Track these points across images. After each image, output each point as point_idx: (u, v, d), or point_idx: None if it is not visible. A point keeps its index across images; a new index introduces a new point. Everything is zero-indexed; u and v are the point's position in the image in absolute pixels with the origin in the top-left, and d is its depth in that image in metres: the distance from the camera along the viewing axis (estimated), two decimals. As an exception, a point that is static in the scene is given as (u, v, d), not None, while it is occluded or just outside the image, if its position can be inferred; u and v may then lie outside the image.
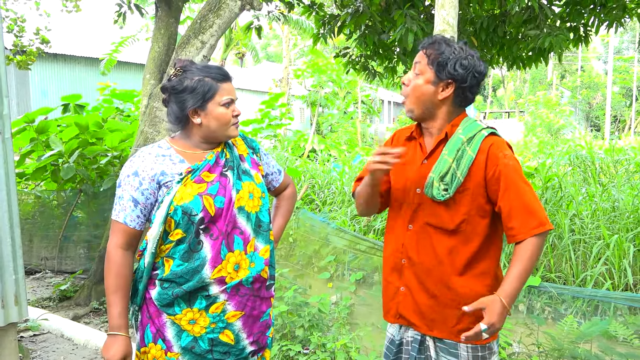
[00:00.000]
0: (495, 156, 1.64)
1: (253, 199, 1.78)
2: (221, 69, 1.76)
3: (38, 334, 4.27)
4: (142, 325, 1.76)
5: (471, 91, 1.70)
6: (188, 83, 1.70)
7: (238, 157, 1.83)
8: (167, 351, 1.71)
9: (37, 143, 6.31)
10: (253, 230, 1.78)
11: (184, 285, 1.69)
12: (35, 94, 16.47)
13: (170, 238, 1.70)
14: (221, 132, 1.76)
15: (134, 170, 1.71)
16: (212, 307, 1.71)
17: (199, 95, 1.70)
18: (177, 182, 1.68)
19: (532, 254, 1.60)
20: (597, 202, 5.49)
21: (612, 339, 2.95)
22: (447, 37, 1.76)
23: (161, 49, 5.34)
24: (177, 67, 1.75)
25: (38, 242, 6.74)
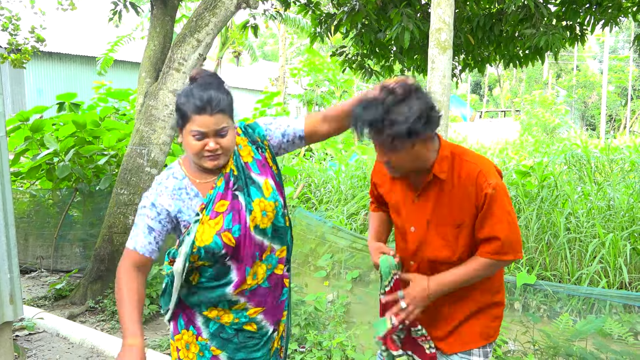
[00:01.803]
0: (482, 186, 1.64)
1: (266, 215, 1.76)
2: (202, 100, 1.62)
3: (33, 333, 4.25)
4: (175, 315, 1.85)
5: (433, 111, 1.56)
6: (178, 100, 1.68)
7: (243, 166, 1.77)
8: (197, 336, 1.81)
9: (32, 142, 6.28)
10: (269, 238, 1.79)
11: (208, 294, 1.77)
12: (30, 92, 16.41)
13: (195, 265, 1.74)
14: (196, 160, 1.71)
15: (150, 202, 1.71)
16: (235, 306, 1.79)
17: (179, 116, 1.67)
18: (195, 222, 1.69)
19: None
20: (593, 200, 5.51)
21: (607, 337, 2.97)
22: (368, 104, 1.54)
23: (157, 48, 5.32)
24: (190, 77, 1.75)
25: (33, 241, 6.71)
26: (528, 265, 4.71)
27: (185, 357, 1.84)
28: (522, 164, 7.77)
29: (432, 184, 1.70)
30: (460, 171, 1.66)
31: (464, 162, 1.67)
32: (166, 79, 4.90)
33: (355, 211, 6.48)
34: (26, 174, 6.42)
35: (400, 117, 1.48)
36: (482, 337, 1.81)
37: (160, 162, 4.99)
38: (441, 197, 1.69)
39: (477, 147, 15.80)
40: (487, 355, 1.83)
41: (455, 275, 1.69)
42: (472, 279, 1.69)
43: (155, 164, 4.94)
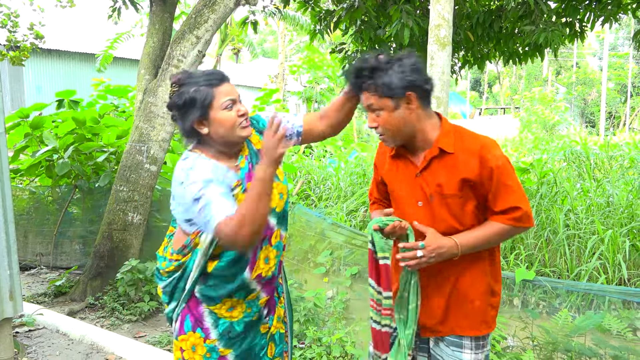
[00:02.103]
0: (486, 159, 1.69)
1: (282, 198, 1.83)
2: (215, 73, 1.72)
3: (33, 329, 4.26)
4: (181, 316, 1.81)
5: (425, 82, 1.67)
6: (186, 97, 1.68)
7: (257, 152, 1.82)
8: (205, 339, 1.79)
9: (32, 138, 6.28)
10: (277, 222, 1.83)
11: (228, 286, 1.74)
12: (30, 89, 16.38)
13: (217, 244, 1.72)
14: (232, 136, 1.71)
15: (202, 179, 1.62)
16: (249, 296, 1.81)
17: (198, 105, 1.67)
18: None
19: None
20: (592, 197, 5.52)
21: (605, 333, 2.97)
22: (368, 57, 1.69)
23: (156, 44, 5.32)
24: (173, 83, 1.73)
25: (33, 238, 6.71)
26: (527, 262, 4.72)
27: (191, 358, 1.80)
28: (521, 161, 7.77)
29: (436, 158, 1.72)
30: (462, 145, 1.70)
31: (466, 136, 1.73)
32: (165, 75, 4.90)
33: (355, 208, 6.48)
34: (25, 171, 6.42)
35: (386, 68, 1.63)
36: (477, 324, 1.78)
37: (159, 159, 4.99)
38: (445, 170, 1.71)
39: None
40: (480, 349, 1.79)
41: (475, 237, 1.70)
42: (490, 243, 1.73)
43: (155, 161, 4.94)
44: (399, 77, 1.61)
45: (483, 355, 1.81)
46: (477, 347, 1.79)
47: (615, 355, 2.83)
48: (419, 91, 1.65)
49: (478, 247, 1.71)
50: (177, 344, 1.85)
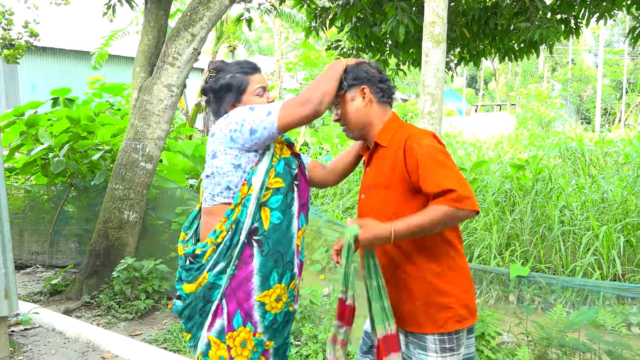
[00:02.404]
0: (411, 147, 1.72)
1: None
2: (250, 63, 1.94)
3: (29, 328, 4.25)
4: (230, 312, 1.79)
5: (381, 81, 1.87)
6: (222, 82, 1.88)
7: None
8: (255, 332, 1.81)
9: (27, 137, 6.26)
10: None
11: (278, 255, 1.82)
12: (25, 87, 16.31)
13: (267, 186, 1.82)
14: None
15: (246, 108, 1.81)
16: (291, 283, 1.88)
17: (234, 90, 1.88)
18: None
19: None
20: (587, 193, 5.54)
21: (600, 328, 2.99)
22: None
23: (151, 42, 5.30)
24: (211, 69, 1.93)
25: (28, 237, 6.70)
26: (522, 258, 4.74)
27: (239, 355, 1.78)
28: (517, 158, 7.80)
29: (374, 152, 1.87)
30: (394, 138, 1.81)
31: (402, 130, 1.81)
32: (160, 73, 4.89)
33: (351, 205, 6.49)
34: (21, 169, 6.40)
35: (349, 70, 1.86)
36: (434, 324, 1.75)
37: (155, 157, 4.98)
38: (380, 163, 1.83)
39: (473, 141, 15.82)
40: (446, 345, 1.75)
41: (409, 222, 1.64)
42: (427, 227, 1.63)
43: (150, 159, 4.93)
44: (355, 73, 1.85)
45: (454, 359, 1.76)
46: (442, 350, 1.74)
47: (609, 350, 2.85)
48: (373, 87, 1.85)
49: (415, 231, 1.64)
50: (217, 343, 1.79)
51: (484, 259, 4.75)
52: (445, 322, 1.74)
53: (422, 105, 3.16)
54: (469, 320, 1.77)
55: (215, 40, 15.68)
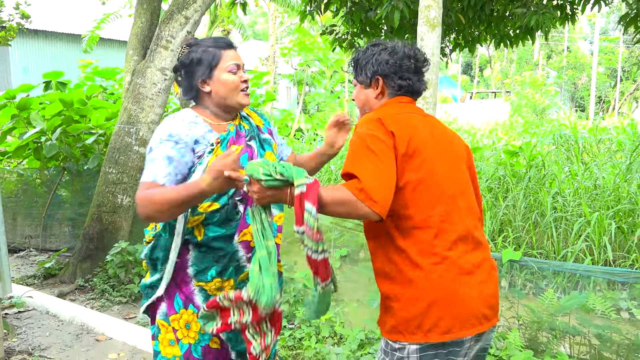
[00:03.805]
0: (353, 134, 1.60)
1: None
2: (223, 38, 1.84)
3: (23, 310, 4.26)
4: (169, 295, 1.79)
5: (402, 78, 1.69)
6: (194, 56, 1.78)
7: (256, 127, 1.91)
8: (198, 314, 1.75)
9: (19, 120, 6.21)
10: None
11: (218, 253, 1.75)
12: (16, 70, 16.14)
13: (199, 210, 1.71)
14: (231, 99, 1.80)
15: (168, 133, 1.69)
16: (241, 275, 1.81)
17: (205, 64, 1.77)
18: (209, 153, 1.73)
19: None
20: (580, 180, 5.57)
21: (590, 312, 3.03)
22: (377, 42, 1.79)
23: (144, 25, 5.25)
24: (184, 45, 1.84)
25: (22, 221, 6.67)
26: (515, 244, 4.77)
27: (186, 336, 1.79)
28: (511, 144, 7.82)
29: None
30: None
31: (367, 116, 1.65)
32: (154, 56, 4.85)
33: (345, 191, 6.50)
34: (13, 153, 6.36)
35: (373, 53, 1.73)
36: (382, 326, 1.63)
37: (148, 141, 4.95)
38: None
39: (467, 128, 15.84)
40: (389, 350, 1.57)
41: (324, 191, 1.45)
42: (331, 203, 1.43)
43: (144, 143, 4.91)
44: (372, 63, 1.71)
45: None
46: (384, 353, 1.60)
47: (598, 334, 2.89)
48: (390, 81, 1.71)
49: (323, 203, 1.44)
50: (165, 326, 1.80)
51: (477, 244, 4.78)
52: (393, 328, 1.57)
53: (416, 90, 3.16)
54: (416, 335, 1.53)
55: (209, 24, 15.54)
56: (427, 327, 1.51)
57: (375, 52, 1.71)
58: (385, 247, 1.59)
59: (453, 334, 1.52)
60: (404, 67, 1.69)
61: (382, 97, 1.72)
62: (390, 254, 1.57)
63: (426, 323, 1.51)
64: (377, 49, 1.72)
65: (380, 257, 1.61)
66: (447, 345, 1.53)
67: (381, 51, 1.70)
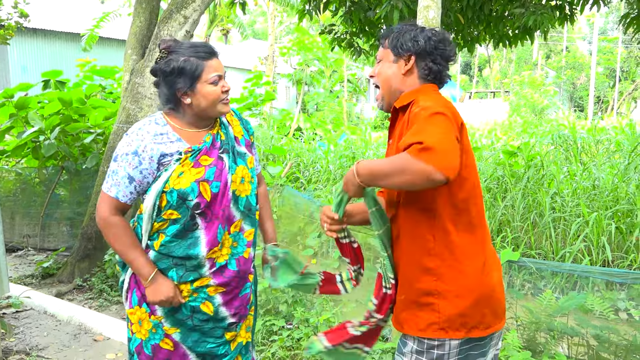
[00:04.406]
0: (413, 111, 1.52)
1: (244, 183, 1.84)
2: (207, 46, 1.78)
3: (21, 310, 4.25)
4: (130, 290, 1.85)
5: (434, 62, 1.64)
6: (175, 65, 1.71)
7: (233, 138, 1.87)
8: (150, 314, 1.80)
9: (17, 119, 6.18)
10: (241, 212, 1.83)
11: (178, 260, 1.76)
12: (15, 69, 16.10)
13: (163, 216, 1.74)
14: (211, 110, 1.77)
15: (133, 149, 1.71)
16: (197, 282, 1.80)
17: (187, 76, 1.71)
18: (176, 161, 1.72)
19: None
20: (578, 180, 5.57)
21: (588, 313, 3.03)
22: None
23: (143, 24, 5.24)
24: (162, 49, 1.76)
25: (20, 220, 6.66)
26: (513, 244, 4.77)
27: (138, 332, 1.83)
28: (509, 144, 7.82)
29: (393, 120, 1.69)
30: (411, 104, 1.57)
31: (419, 97, 1.57)
32: (153, 56, 4.84)
33: (344, 190, 6.49)
34: (11, 152, 6.34)
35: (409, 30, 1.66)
36: (413, 325, 1.56)
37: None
38: (394, 131, 1.67)
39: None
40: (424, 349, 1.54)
41: (371, 162, 1.46)
42: (385, 171, 1.38)
43: (142, 142, 4.90)
44: (413, 38, 1.63)
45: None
46: (419, 353, 1.55)
47: (596, 334, 2.89)
48: (422, 61, 1.64)
49: (375, 173, 1.42)
50: (128, 314, 1.87)
51: (475, 244, 4.78)
52: (428, 326, 1.53)
53: (415, 91, 3.15)
54: (460, 332, 1.52)
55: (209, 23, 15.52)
56: (472, 323, 1.53)
57: (415, 29, 1.65)
58: (433, 243, 1.53)
59: (492, 328, 1.56)
60: (439, 51, 1.63)
61: (409, 76, 1.65)
62: (440, 249, 1.53)
63: (473, 318, 1.53)
64: (417, 27, 1.66)
65: (423, 253, 1.55)
66: (484, 339, 1.57)
67: (422, 29, 1.65)
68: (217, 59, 1.77)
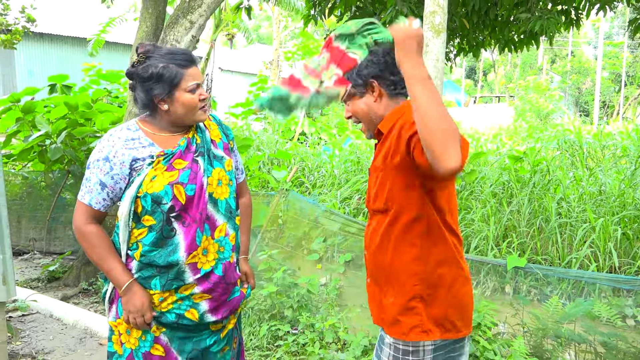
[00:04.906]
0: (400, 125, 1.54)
1: (221, 185, 1.82)
2: (186, 53, 1.76)
3: (27, 314, 4.26)
4: (115, 300, 1.84)
5: (392, 73, 1.65)
6: (153, 70, 1.69)
7: (209, 141, 1.85)
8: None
9: (23, 123, 6.22)
10: (224, 215, 1.82)
11: (161, 269, 1.74)
12: (21, 74, 16.21)
13: (143, 223, 1.73)
14: (189, 117, 1.78)
15: (104, 155, 1.72)
16: (181, 288, 1.77)
17: (165, 83, 1.70)
18: (148, 165, 1.71)
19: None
20: (584, 186, 5.55)
21: (595, 320, 3.01)
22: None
23: (149, 29, 5.26)
24: (140, 53, 1.74)
25: (26, 223, 6.69)
26: (519, 250, 4.76)
27: (127, 341, 1.81)
28: (515, 149, 7.80)
29: (378, 140, 1.71)
30: (396, 125, 1.58)
31: (403, 116, 1.58)
32: (159, 60, 4.85)
33: (349, 195, 6.49)
34: (18, 155, 6.37)
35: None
36: (397, 329, 1.61)
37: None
38: (380, 150, 1.67)
39: (471, 133, 15.82)
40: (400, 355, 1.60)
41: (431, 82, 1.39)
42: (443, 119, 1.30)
43: (148, 147, 4.91)
44: (363, 67, 1.65)
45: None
46: (395, 358, 1.61)
47: (604, 341, 2.87)
48: (383, 80, 1.65)
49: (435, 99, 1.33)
50: (113, 326, 1.85)
51: (481, 250, 4.76)
52: (410, 329, 1.59)
53: (421, 96, 3.15)
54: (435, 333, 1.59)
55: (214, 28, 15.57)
56: (448, 326, 1.60)
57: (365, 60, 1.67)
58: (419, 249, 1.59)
59: (462, 333, 1.63)
60: (389, 62, 1.63)
61: (382, 99, 1.67)
62: (425, 255, 1.59)
63: (449, 322, 1.60)
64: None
65: (410, 259, 1.59)
66: (458, 342, 1.64)
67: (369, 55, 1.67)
68: (196, 67, 1.76)
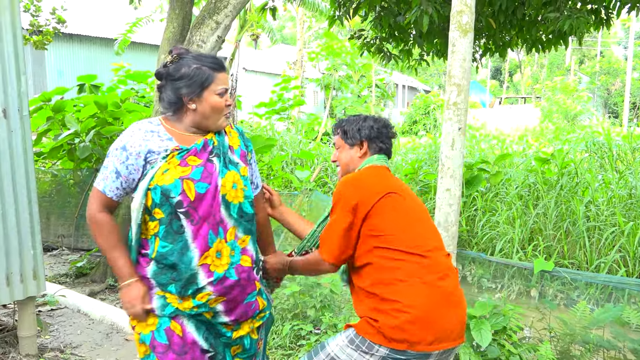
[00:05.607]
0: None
1: (236, 189, 1.82)
2: (217, 59, 1.81)
3: (55, 308, 4.36)
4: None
5: (382, 142, 2.06)
6: (185, 70, 1.75)
7: (227, 146, 1.87)
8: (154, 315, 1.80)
9: (54, 122, 6.37)
10: (235, 219, 1.81)
11: (175, 274, 1.75)
12: (51, 74, 16.57)
13: (154, 215, 1.76)
14: (213, 121, 1.81)
15: (122, 145, 1.76)
16: (199, 295, 1.77)
17: (197, 83, 1.75)
18: (163, 158, 1.74)
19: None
20: (614, 189, 5.42)
21: (625, 326, 2.94)
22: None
23: (176, 30, 5.33)
24: (174, 54, 1.79)
25: (55, 220, 6.84)
26: (545, 253, 4.68)
27: (143, 329, 1.82)
28: (542, 151, 7.67)
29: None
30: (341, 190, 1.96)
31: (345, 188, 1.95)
32: (185, 61, 4.91)
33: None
34: (48, 154, 6.52)
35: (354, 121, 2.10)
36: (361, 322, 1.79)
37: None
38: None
39: (496, 134, 15.61)
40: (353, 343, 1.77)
41: (297, 260, 2.06)
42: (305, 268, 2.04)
43: (174, 146, 4.97)
44: (356, 130, 2.05)
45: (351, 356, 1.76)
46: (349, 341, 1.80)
47: (634, 348, 2.81)
48: (372, 142, 2.05)
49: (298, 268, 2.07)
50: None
51: (506, 253, 4.70)
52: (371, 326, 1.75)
53: (447, 97, 3.13)
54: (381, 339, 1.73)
55: (239, 28, 15.68)
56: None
57: (361, 119, 2.07)
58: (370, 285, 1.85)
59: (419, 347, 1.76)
60: (384, 133, 2.05)
61: (364, 157, 2.04)
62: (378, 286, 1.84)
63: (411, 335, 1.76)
64: (361, 117, 2.09)
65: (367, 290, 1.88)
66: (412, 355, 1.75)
67: (366, 119, 2.07)
68: (225, 73, 1.82)
